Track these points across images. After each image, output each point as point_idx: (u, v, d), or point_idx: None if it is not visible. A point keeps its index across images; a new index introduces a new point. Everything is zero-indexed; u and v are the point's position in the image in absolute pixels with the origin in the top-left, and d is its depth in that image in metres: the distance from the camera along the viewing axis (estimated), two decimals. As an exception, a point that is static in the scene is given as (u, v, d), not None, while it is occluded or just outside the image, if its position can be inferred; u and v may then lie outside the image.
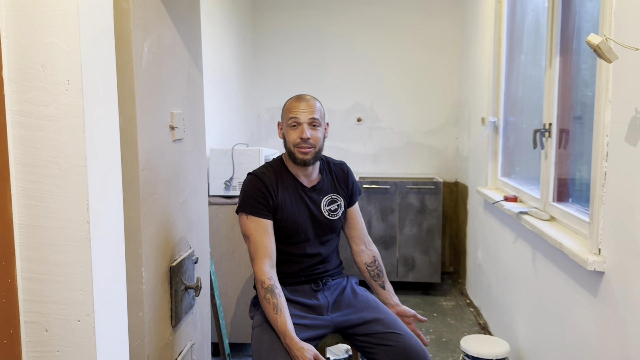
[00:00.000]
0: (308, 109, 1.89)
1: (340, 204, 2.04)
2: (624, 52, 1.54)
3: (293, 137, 1.89)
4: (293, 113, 1.89)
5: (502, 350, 2.48)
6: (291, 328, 1.75)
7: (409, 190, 3.87)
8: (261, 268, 1.84)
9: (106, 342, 1.33)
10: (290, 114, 1.90)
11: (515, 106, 3.06)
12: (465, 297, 3.87)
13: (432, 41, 4.29)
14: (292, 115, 1.89)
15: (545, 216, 2.25)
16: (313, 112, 1.89)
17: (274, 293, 1.80)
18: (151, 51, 1.71)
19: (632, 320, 1.50)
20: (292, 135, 1.89)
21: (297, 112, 1.88)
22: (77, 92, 1.23)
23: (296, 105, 1.90)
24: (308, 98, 1.93)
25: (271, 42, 4.41)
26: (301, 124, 1.88)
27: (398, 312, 2.03)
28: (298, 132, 1.88)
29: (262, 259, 1.86)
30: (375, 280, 2.08)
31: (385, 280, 2.11)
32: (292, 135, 1.90)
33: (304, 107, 1.89)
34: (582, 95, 2.14)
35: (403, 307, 2.07)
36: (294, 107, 1.90)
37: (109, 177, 1.35)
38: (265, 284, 1.82)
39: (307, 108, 1.89)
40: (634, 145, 1.49)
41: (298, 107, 1.89)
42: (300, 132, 1.88)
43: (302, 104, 1.90)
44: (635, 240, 1.48)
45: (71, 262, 1.26)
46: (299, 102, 1.91)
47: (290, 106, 1.92)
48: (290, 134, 1.90)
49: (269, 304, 1.79)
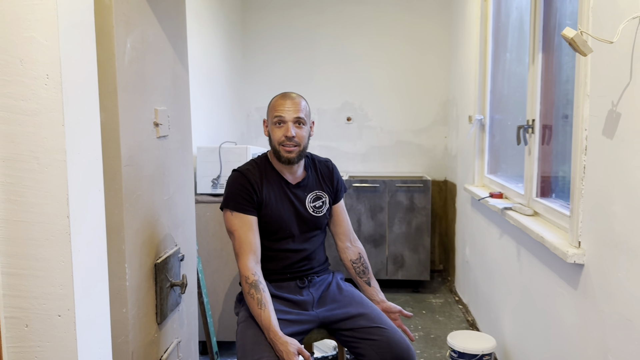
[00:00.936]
0: (293, 107, 1.90)
1: (325, 200, 2.05)
2: (601, 47, 1.57)
3: (278, 135, 1.90)
4: (278, 111, 1.90)
5: (488, 345, 2.50)
6: (275, 323, 1.76)
7: (398, 189, 3.89)
8: (245, 264, 1.85)
9: (88, 338, 1.34)
10: (276, 112, 1.90)
11: (500, 104, 3.09)
12: (454, 294, 3.89)
13: (421, 41, 4.31)
14: (277, 113, 1.90)
15: (528, 211, 2.27)
16: (298, 111, 1.90)
17: (258, 288, 1.81)
18: (134, 47, 1.72)
19: (610, 311, 1.52)
20: (277, 134, 1.90)
21: (282, 111, 1.89)
22: (56, 86, 1.23)
23: (282, 103, 1.91)
24: (294, 96, 1.93)
25: (261, 42, 4.42)
26: (286, 122, 1.89)
27: (384, 308, 2.04)
28: (283, 131, 1.89)
29: (246, 255, 1.86)
30: (360, 277, 2.09)
31: (370, 277, 2.12)
32: (277, 133, 1.91)
33: (289, 106, 1.90)
34: (565, 91, 2.16)
35: (388, 303, 2.07)
36: (280, 105, 1.91)
37: (89, 172, 1.35)
38: (250, 280, 1.82)
39: (293, 106, 1.90)
40: (611, 139, 1.51)
41: (283, 105, 1.90)
42: (285, 131, 1.88)
43: (288, 102, 1.90)
44: (612, 232, 1.50)
45: (51, 256, 1.26)
46: (284, 100, 1.91)
47: (275, 104, 1.93)
48: (275, 132, 1.91)
49: (253, 300, 1.80)
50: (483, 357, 2.48)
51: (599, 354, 1.59)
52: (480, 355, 2.47)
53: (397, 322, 2.02)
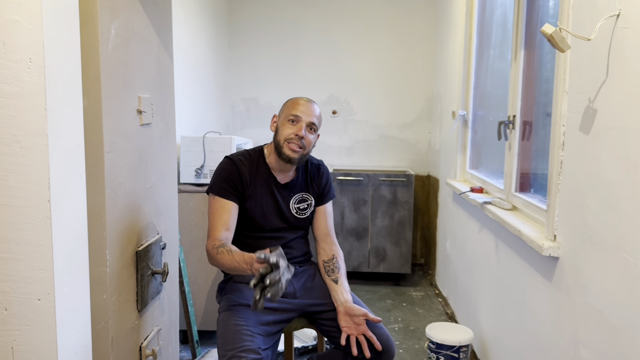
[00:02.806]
0: (312, 112, 1.94)
1: (311, 203, 2.06)
2: (580, 44, 1.60)
3: (288, 132, 1.91)
4: (297, 110, 1.92)
5: (466, 337, 2.55)
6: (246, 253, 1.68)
7: (382, 183, 3.92)
8: (216, 236, 1.83)
9: (67, 322, 1.34)
10: (294, 110, 1.93)
11: (483, 100, 3.13)
12: (434, 287, 3.95)
13: (407, 36, 4.34)
14: (294, 112, 1.92)
15: (507, 206, 2.32)
16: (315, 117, 1.95)
17: (226, 245, 1.77)
18: (118, 34, 1.71)
19: (582, 303, 1.56)
20: (288, 130, 1.92)
21: (300, 111, 1.92)
22: (39, 70, 1.23)
23: (302, 104, 1.95)
24: (314, 103, 1.99)
25: (247, 32, 4.41)
26: (301, 122, 1.91)
27: (346, 309, 1.86)
28: (295, 129, 1.91)
29: (219, 231, 1.84)
30: (328, 275, 2.01)
31: (339, 277, 1.99)
32: (287, 129, 1.92)
33: (308, 109, 1.94)
34: (546, 89, 2.20)
35: (352, 304, 1.87)
36: (299, 105, 1.94)
37: (71, 157, 1.35)
38: (217, 244, 1.79)
39: (312, 111, 1.94)
40: (587, 134, 1.55)
41: (303, 106, 1.94)
42: (297, 129, 1.90)
43: (308, 106, 1.95)
44: (586, 226, 1.55)
45: (32, 240, 1.26)
46: (306, 102, 1.96)
47: (294, 103, 1.96)
48: (286, 128, 1.92)
49: (223, 255, 1.74)
50: (460, 349, 2.53)
51: (570, 343, 1.64)
52: (457, 346, 2.52)
53: (362, 327, 1.82)
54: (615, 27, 1.40)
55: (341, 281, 1.97)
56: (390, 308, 3.53)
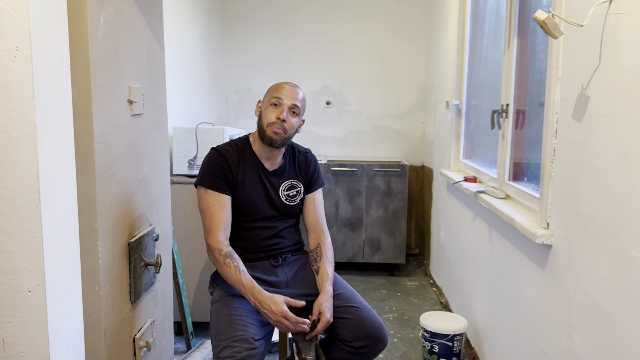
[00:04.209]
0: (295, 95, 1.96)
1: (300, 190, 2.06)
2: (573, 31, 1.59)
3: (270, 116, 1.93)
4: (279, 93, 1.94)
5: (460, 325, 2.56)
6: (256, 284, 1.79)
7: (376, 173, 3.91)
8: (217, 238, 1.87)
9: (59, 314, 1.33)
10: (276, 93, 1.95)
11: (477, 89, 3.12)
12: (429, 277, 3.96)
13: (401, 26, 4.32)
14: (277, 95, 1.94)
15: (501, 194, 2.32)
16: (297, 100, 1.96)
17: (233, 257, 1.84)
18: (108, 23, 1.69)
19: (575, 290, 1.57)
20: (270, 114, 1.93)
21: (282, 94, 1.94)
22: (26, 59, 1.21)
23: (284, 87, 1.96)
24: (297, 87, 2.00)
25: (240, 23, 4.37)
26: (283, 105, 1.93)
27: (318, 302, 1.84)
28: (277, 112, 1.93)
29: (217, 231, 1.88)
30: (312, 265, 2.02)
31: (320, 267, 1.96)
32: (270, 113, 1.94)
33: (291, 92, 1.95)
34: (539, 78, 2.19)
35: (320, 304, 1.83)
36: (281, 88, 1.96)
37: (60, 147, 1.33)
38: (223, 251, 1.85)
39: (294, 95, 1.95)
40: (580, 122, 1.55)
41: (285, 90, 1.95)
42: (279, 112, 1.92)
43: (291, 89, 1.96)
44: (579, 213, 1.55)
45: (21, 232, 1.25)
46: (288, 86, 1.97)
47: (277, 87, 1.97)
48: (269, 112, 1.94)
49: (230, 268, 1.82)
50: (454, 337, 2.54)
51: (563, 331, 1.64)
52: (451, 335, 2.53)
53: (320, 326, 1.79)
54: (608, 13, 1.39)
55: (321, 273, 1.94)
56: (385, 298, 3.54)
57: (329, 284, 1.90)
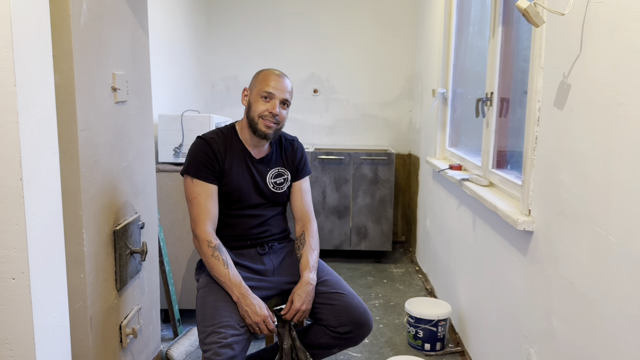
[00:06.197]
0: (285, 87, 1.95)
1: (287, 177, 2.07)
2: (555, 19, 1.61)
3: (261, 109, 1.92)
4: (270, 87, 1.92)
5: (444, 311, 2.60)
6: (243, 282, 1.82)
7: (363, 161, 3.93)
8: (205, 229, 1.88)
9: (43, 301, 1.33)
10: (267, 86, 1.93)
11: (462, 77, 3.14)
12: (414, 264, 4.00)
13: (388, 14, 4.31)
14: (267, 88, 1.92)
15: (484, 182, 2.34)
16: (287, 92, 1.96)
17: (221, 250, 1.86)
18: (90, 9, 1.67)
19: (555, 275, 1.60)
20: (261, 107, 1.92)
21: (273, 87, 1.92)
22: (7, 45, 1.20)
23: (274, 79, 1.94)
24: (285, 76, 1.98)
25: (226, 10, 4.34)
26: (274, 99, 1.92)
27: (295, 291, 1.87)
28: (269, 106, 1.92)
29: (205, 221, 1.89)
30: (297, 253, 2.04)
31: (303, 254, 1.98)
32: (261, 106, 1.93)
33: (281, 85, 1.94)
34: (524, 67, 2.21)
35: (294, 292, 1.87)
36: (271, 80, 1.94)
37: (43, 134, 1.33)
38: (212, 243, 1.86)
39: (284, 87, 1.95)
40: (561, 110, 1.57)
41: (276, 81, 1.93)
42: (271, 107, 1.92)
43: (280, 81, 1.95)
44: (559, 200, 1.57)
45: (4, 219, 1.25)
46: (278, 78, 1.95)
47: (267, 78, 1.95)
48: (260, 105, 1.93)
49: (218, 261, 1.83)
50: (439, 322, 2.58)
51: (544, 315, 1.68)
52: (436, 320, 2.57)
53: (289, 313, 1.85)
54: (589, 2, 1.40)
55: (303, 258, 1.96)
56: (371, 285, 3.57)
57: (307, 272, 1.91)
